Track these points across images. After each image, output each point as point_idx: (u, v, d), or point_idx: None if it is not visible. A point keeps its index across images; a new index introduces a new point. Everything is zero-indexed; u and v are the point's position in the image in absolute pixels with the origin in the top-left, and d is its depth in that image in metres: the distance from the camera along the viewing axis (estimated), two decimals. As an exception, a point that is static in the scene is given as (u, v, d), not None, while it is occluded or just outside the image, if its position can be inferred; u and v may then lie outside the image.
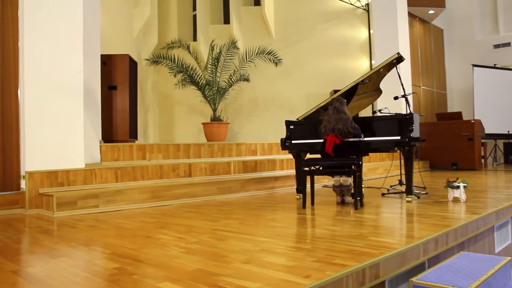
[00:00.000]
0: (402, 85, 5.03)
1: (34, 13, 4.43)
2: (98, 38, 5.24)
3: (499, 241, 3.92)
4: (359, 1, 9.89)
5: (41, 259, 2.38)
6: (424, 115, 9.94)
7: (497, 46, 11.40)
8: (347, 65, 9.93)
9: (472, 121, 9.21)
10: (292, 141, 4.93)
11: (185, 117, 10.31)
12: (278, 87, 10.06)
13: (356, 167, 4.13)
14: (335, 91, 5.22)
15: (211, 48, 8.86)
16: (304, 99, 9.65)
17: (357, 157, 4.65)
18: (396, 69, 5.04)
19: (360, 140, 4.42)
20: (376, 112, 5.58)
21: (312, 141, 4.82)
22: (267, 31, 10.21)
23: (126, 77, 5.88)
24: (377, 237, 2.71)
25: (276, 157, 6.85)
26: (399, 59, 5.03)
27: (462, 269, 2.53)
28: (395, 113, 4.80)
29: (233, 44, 9.18)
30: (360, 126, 4.49)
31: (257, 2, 10.56)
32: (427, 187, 5.70)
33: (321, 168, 4.33)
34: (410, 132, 4.29)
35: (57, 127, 4.53)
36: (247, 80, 9.09)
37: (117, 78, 5.88)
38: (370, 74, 5.01)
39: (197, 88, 8.75)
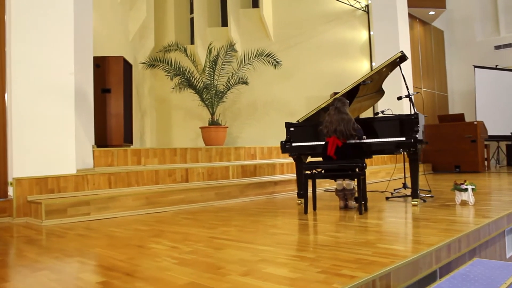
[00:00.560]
0: (406, 84, 4.86)
1: (23, 14, 4.26)
2: (90, 40, 5.07)
3: (511, 245, 3.73)
4: (358, 2, 9.74)
5: (20, 272, 2.18)
6: (427, 116, 9.75)
7: (498, 47, 11.25)
8: (347, 67, 9.77)
9: (475, 122, 9.03)
10: (293, 144, 4.74)
11: (182, 121, 10.13)
12: (277, 90, 9.88)
13: (360, 170, 3.94)
14: (335, 94, 5.05)
15: (209, 50, 8.69)
16: (304, 102, 9.47)
17: (360, 159, 4.48)
18: (399, 68, 4.87)
19: (363, 141, 4.24)
20: (378, 113, 5.41)
21: (313, 144, 4.63)
22: (265, 34, 10.05)
23: (121, 79, 5.70)
24: (385, 244, 2.52)
25: (276, 161, 6.66)
26: (402, 58, 4.86)
27: (478, 277, 2.34)
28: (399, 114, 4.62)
29: (231, 47, 9.01)
30: (363, 128, 4.30)
31: (255, 4, 10.41)
32: (431, 190, 5.52)
33: (323, 171, 4.15)
34: (416, 133, 4.11)
35: (46, 131, 4.35)
36: (245, 83, 8.91)
37: (111, 81, 5.70)
38: (372, 74, 4.84)
39: (194, 92, 8.56)
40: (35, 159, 4.26)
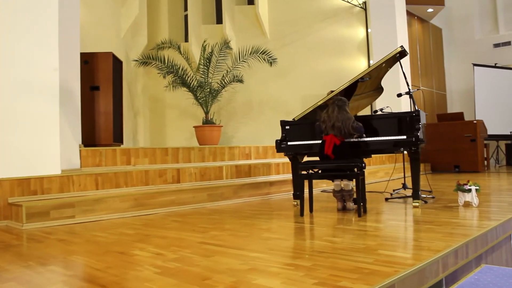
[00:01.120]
0: (406, 81, 4.66)
1: (3, 7, 4.04)
2: (77, 35, 4.85)
3: (517, 249, 3.54)
4: (355, -1, 9.56)
5: (-17, 284, 1.98)
6: (428, 114, 9.58)
7: (497, 45, 11.08)
8: (344, 65, 9.58)
9: (475, 121, 8.85)
10: (288, 143, 4.54)
11: (176, 120, 9.91)
12: (273, 89, 9.68)
13: (359, 170, 3.75)
14: (332, 92, 4.87)
15: (203, 48, 8.48)
16: (300, 100, 9.27)
17: (359, 159, 4.29)
18: (399, 64, 4.67)
19: (362, 140, 4.05)
20: (377, 111, 5.22)
21: (309, 142, 4.43)
22: (261, 31, 9.85)
23: (110, 76, 5.48)
24: (387, 250, 2.32)
25: (272, 161, 6.46)
26: (402, 53, 4.66)
27: (489, 286, 2.15)
28: (400, 112, 4.43)
29: (226, 44, 8.80)
30: (363, 126, 4.11)
31: (250, 1, 10.21)
32: (432, 190, 5.33)
33: (320, 171, 3.95)
34: (417, 131, 3.91)
35: (29, 129, 4.13)
36: (240, 81, 8.71)
37: (99, 78, 5.48)
38: (370, 70, 4.65)
39: (188, 90, 8.36)
40: (17, 159, 4.04)
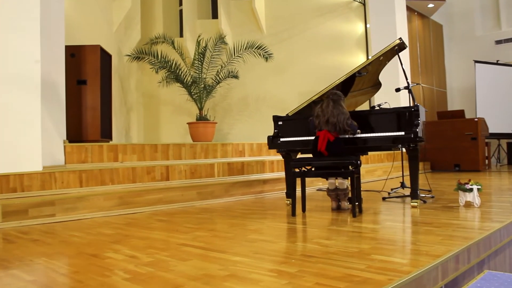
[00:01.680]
0: (405, 75, 4.46)
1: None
2: (61, 26, 4.64)
3: (521, 253, 3.34)
4: (354, -6, 9.35)
5: None
6: (428, 110, 9.37)
7: (499, 42, 10.86)
8: (342, 61, 9.36)
9: (476, 119, 8.65)
10: (281, 139, 4.34)
11: (171, 117, 9.70)
12: (269, 85, 9.47)
13: (354, 168, 3.55)
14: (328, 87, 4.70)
15: (197, 43, 8.27)
16: (297, 97, 9.04)
17: (354, 156, 4.09)
18: (398, 57, 4.47)
19: (358, 136, 3.85)
20: (374, 107, 5.02)
21: (303, 139, 4.22)
22: (257, 26, 9.63)
23: (97, 70, 5.26)
24: (382, 254, 2.12)
25: (266, 158, 6.26)
26: (401, 46, 4.46)
27: (492, 296, 1.95)
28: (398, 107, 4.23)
29: (221, 39, 8.59)
30: (359, 121, 3.90)
31: (247, -5, 9.98)
32: (432, 190, 5.14)
33: (313, 169, 3.75)
34: (416, 127, 3.71)
35: (8, 123, 3.93)
36: (235, 77, 8.49)
37: (87, 72, 5.27)
38: (367, 64, 4.45)
39: (182, 86, 8.15)
40: (-5, 154, 3.84)
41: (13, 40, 4.02)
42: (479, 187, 3.73)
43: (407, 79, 4.43)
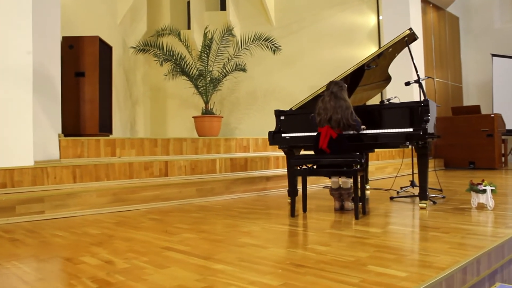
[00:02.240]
0: (415, 68, 4.20)
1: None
2: (57, 16, 4.47)
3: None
4: (367, -16, 9.03)
5: None
6: (440, 106, 9.03)
7: (518, 34, 10.44)
8: (354, 54, 9.05)
9: (492, 115, 8.30)
10: (282, 135, 4.13)
11: (178, 110, 9.53)
12: (278, 79, 9.23)
13: (358, 166, 3.32)
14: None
15: (204, 35, 8.06)
16: (307, 91, 8.69)
17: (360, 154, 3.87)
18: (408, 49, 4.21)
19: (363, 133, 3.61)
20: (384, 101, 4.77)
21: (306, 135, 4.01)
22: (266, 18, 9.39)
23: (96, 62, 5.10)
24: (379, 265, 1.90)
25: (271, 154, 6.05)
26: (411, 37, 4.21)
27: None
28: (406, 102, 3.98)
29: (229, 31, 8.36)
30: (364, 117, 3.68)
31: (256, -14, 9.73)
32: (443, 189, 4.88)
33: (315, 167, 3.53)
34: (426, 123, 3.46)
35: (-2, 116, 3.80)
36: (243, 70, 8.27)
37: (85, 64, 5.11)
38: (376, 55, 4.21)
39: (188, 79, 7.96)
40: (-17, 148, 3.71)
41: (3, 30, 3.88)
42: (493, 188, 3.47)
43: (417, 72, 4.16)
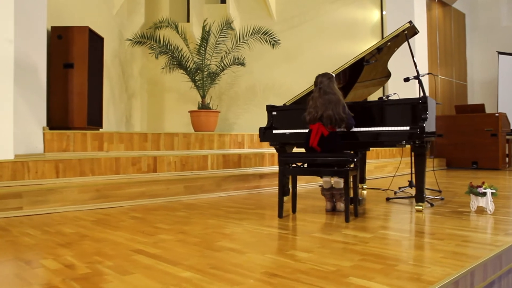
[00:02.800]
0: (414, 63, 4.00)
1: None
2: (43, 4, 4.30)
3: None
4: (370, -22, 8.80)
5: None
6: (441, 103, 8.81)
7: (525, 33, 10.20)
8: (356, 50, 8.81)
9: (497, 114, 8.08)
10: (273, 131, 3.95)
11: (176, 104, 9.35)
12: (279, 74, 9.03)
13: (350, 166, 3.14)
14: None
15: (203, 28, 7.87)
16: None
17: (355, 152, 3.69)
18: (408, 44, 4.01)
19: (357, 130, 3.43)
20: (382, 98, 4.58)
21: (298, 131, 3.83)
22: (267, 12, 9.18)
23: (85, 53, 4.93)
24: (362, 276, 1.73)
25: (266, 151, 5.88)
26: (411, 31, 4.01)
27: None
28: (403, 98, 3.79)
29: (228, 24, 8.17)
30: (359, 113, 3.50)
31: (257, -21, 9.52)
32: (443, 190, 4.69)
33: (305, 165, 3.35)
34: (423, 121, 3.27)
35: (-24, 107, 3.64)
36: (241, 64, 8.08)
37: (74, 55, 4.94)
38: (374, 49, 4.02)
39: (185, 72, 7.78)
40: (-40, 140, 3.56)
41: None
42: (494, 191, 3.28)
43: (416, 67, 3.97)
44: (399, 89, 5.17)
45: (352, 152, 3.35)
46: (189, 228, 2.81)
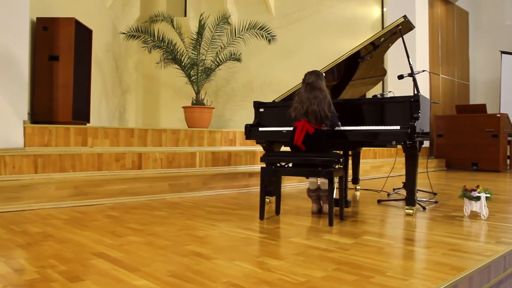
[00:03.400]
0: (408, 60, 3.83)
1: None
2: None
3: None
4: (372, -26, 8.61)
5: None
6: (440, 103, 8.62)
7: (530, 32, 9.97)
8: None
9: (498, 115, 7.89)
10: (259, 128, 3.79)
11: (171, 100, 9.19)
12: (276, 70, 8.86)
13: (337, 166, 2.98)
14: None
15: (199, 22, 7.71)
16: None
17: (344, 152, 3.54)
18: (402, 40, 3.84)
19: (345, 129, 3.27)
20: (377, 96, 4.41)
21: (286, 129, 3.66)
22: (266, 7, 9.00)
23: (71, 45, 4.78)
24: (332, 289, 1.57)
25: (257, 149, 5.71)
26: (405, 26, 3.84)
27: None
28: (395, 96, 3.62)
29: (225, 19, 7.99)
30: (346, 112, 3.33)
31: (256, -26, 9.33)
32: (438, 192, 4.53)
33: (290, 165, 3.20)
34: (415, 121, 3.10)
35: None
36: (238, 59, 7.91)
37: (59, 47, 4.78)
38: (367, 44, 3.85)
39: (179, 67, 7.63)
40: None
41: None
42: (488, 195, 3.11)
43: (410, 64, 3.79)
44: (398, 87, 4.99)
45: (339, 152, 3.19)
46: (162, 230, 2.65)
